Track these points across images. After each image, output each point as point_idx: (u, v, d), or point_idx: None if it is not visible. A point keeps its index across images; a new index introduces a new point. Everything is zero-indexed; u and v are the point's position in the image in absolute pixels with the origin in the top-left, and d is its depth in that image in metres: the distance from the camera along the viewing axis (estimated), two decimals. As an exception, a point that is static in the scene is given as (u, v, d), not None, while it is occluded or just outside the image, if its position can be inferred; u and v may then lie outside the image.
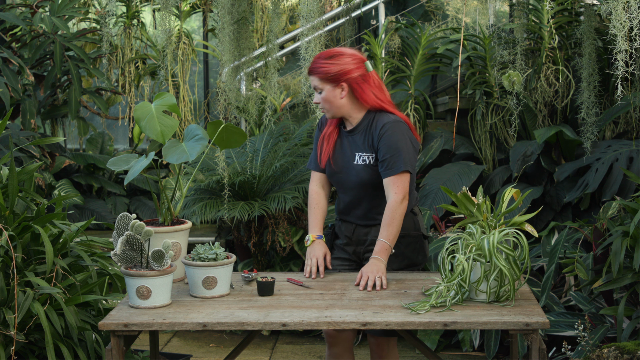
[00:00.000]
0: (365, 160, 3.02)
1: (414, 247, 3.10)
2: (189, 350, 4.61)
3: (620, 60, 3.81)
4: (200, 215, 4.90)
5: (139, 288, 2.60)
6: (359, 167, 3.03)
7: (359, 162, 3.03)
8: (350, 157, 3.06)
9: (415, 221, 3.11)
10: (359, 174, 3.03)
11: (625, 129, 5.13)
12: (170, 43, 5.14)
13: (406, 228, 3.07)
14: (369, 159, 3.01)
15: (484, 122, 5.36)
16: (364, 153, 3.03)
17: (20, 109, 5.47)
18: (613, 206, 4.10)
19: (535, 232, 2.72)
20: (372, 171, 3.01)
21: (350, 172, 3.05)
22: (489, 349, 4.25)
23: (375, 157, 3.01)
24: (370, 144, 3.01)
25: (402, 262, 3.09)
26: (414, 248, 3.10)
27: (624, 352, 3.18)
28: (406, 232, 3.07)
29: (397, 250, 3.06)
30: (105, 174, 6.38)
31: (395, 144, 2.96)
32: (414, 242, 3.10)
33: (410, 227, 3.08)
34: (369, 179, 3.01)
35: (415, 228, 3.10)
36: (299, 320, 2.49)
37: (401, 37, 5.61)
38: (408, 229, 3.08)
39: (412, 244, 3.09)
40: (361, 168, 3.02)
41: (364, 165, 3.02)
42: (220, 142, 2.99)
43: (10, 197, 3.14)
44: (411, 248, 3.09)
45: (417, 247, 3.11)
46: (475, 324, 2.47)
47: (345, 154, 3.08)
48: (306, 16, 4.52)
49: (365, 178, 3.02)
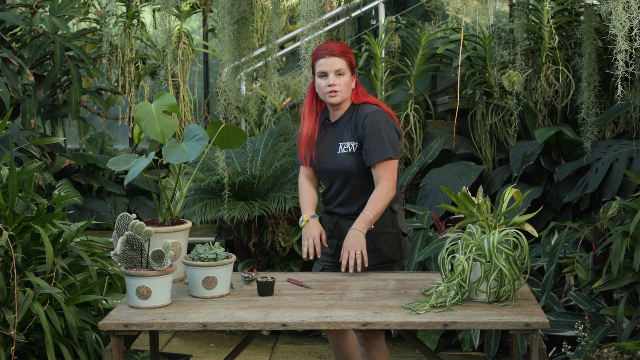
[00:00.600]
0: (347, 149, 3.13)
1: (390, 244, 3.15)
2: (189, 350, 4.61)
3: (620, 60, 3.81)
4: (200, 215, 4.90)
5: (139, 288, 2.60)
6: (342, 155, 3.13)
7: (342, 150, 3.14)
8: (334, 146, 3.17)
9: (394, 219, 3.17)
10: (342, 162, 3.13)
11: (625, 129, 5.13)
12: (170, 43, 5.14)
13: (383, 225, 3.14)
14: (351, 147, 3.12)
15: (484, 122, 5.36)
16: (347, 142, 3.13)
17: (20, 109, 5.47)
18: (613, 206, 4.10)
19: (535, 232, 2.72)
20: (354, 158, 3.12)
21: (334, 160, 3.15)
22: (489, 349, 4.25)
23: (358, 145, 3.11)
24: (353, 132, 3.13)
25: (378, 259, 3.14)
26: (390, 245, 3.15)
27: (624, 352, 3.18)
28: (383, 229, 3.14)
29: (373, 246, 3.12)
30: (105, 174, 6.38)
31: (379, 131, 3.08)
32: (390, 240, 3.15)
33: (387, 224, 3.15)
34: (350, 166, 3.11)
35: (394, 225, 3.17)
36: (299, 320, 2.49)
37: (401, 37, 5.61)
38: (385, 226, 3.15)
39: (388, 240, 3.15)
40: (344, 156, 3.13)
41: (346, 153, 3.13)
42: (220, 142, 2.99)
43: (10, 197, 3.14)
44: (388, 245, 3.15)
45: (394, 244, 3.16)
46: (475, 324, 2.47)
47: (329, 144, 3.19)
48: (306, 16, 4.52)
49: (347, 166, 3.12)
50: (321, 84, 3.13)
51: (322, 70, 3.11)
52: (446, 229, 4.68)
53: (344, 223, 3.18)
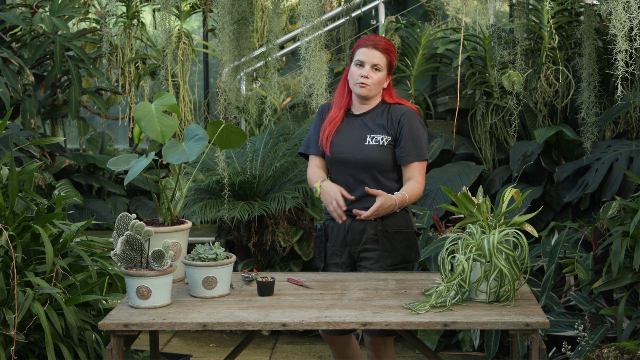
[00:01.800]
0: (378, 141, 3.11)
1: (407, 243, 3.14)
2: (189, 350, 4.61)
3: (620, 60, 3.81)
4: (200, 215, 4.90)
5: (139, 288, 2.60)
6: (371, 147, 3.10)
7: (371, 142, 3.11)
8: (360, 138, 3.13)
9: (408, 218, 3.16)
10: (371, 154, 3.09)
11: (625, 129, 5.13)
12: (170, 43, 5.14)
13: (399, 225, 3.13)
14: (383, 140, 3.11)
15: (484, 122, 5.36)
16: (378, 134, 3.11)
17: (20, 109, 5.47)
18: (613, 206, 4.10)
19: (535, 232, 2.72)
20: (384, 151, 3.10)
21: (359, 152, 3.11)
22: (489, 349, 4.25)
23: (391, 139, 3.11)
24: (387, 127, 3.11)
25: (395, 259, 3.12)
26: (407, 245, 3.14)
27: (624, 352, 3.18)
28: (399, 228, 3.13)
29: (391, 246, 3.10)
30: (105, 174, 6.38)
31: (417, 131, 3.10)
32: (407, 239, 3.14)
33: (403, 223, 3.14)
34: (378, 158, 3.09)
35: (408, 225, 3.15)
36: (299, 320, 2.49)
37: (401, 37, 5.61)
38: (401, 226, 3.14)
39: (405, 240, 3.14)
40: (374, 148, 3.10)
41: (377, 145, 3.10)
42: (220, 142, 2.99)
43: (10, 197, 3.14)
44: (404, 245, 3.13)
45: (409, 243, 3.15)
46: (475, 324, 2.47)
47: (353, 135, 3.15)
48: (306, 16, 4.52)
49: (375, 157, 3.09)
50: (355, 71, 3.12)
51: (361, 59, 3.10)
52: (446, 229, 4.68)
53: (356, 226, 3.12)
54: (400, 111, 3.13)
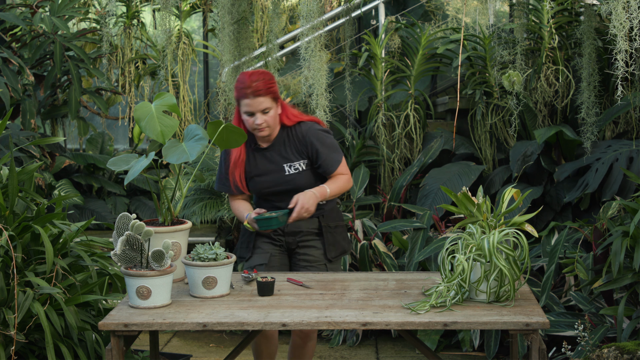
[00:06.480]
0: (297, 168, 3.23)
1: (343, 235, 3.40)
2: (189, 350, 4.61)
3: (620, 60, 3.81)
4: (200, 215, 4.90)
5: (139, 288, 2.60)
6: (293, 175, 3.22)
7: (290, 171, 3.23)
8: (279, 169, 3.24)
9: (338, 211, 3.40)
10: (294, 181, 3.22)
11: (625, 129, 5.13)
12: (170, 43, 5.15)
13: (336, 219, 3.36)
14: (301, 165, 3.24)
15: (484, 122, 5.36)
16: (294, 161, 3.23)
17: (20, 109, 5.47)
18: (613, 206, 4.10)
19: (535, 232, 2.72)
20: (306, 175, 3.24)
21: (283, 183, 3.24)
22: (489, 349, 4.25)
23: (307, 161, 3.23)
24: (299, 151, 3.22)
25: (337, 251, 3.34)
26: (344, 237, 3.40)
27: (624, 352, 3.18)
28: (336, 222, 3.36)
29: (333, 239, 3.32)
30: (105, 174, 6.38)
31: (326, 140, 3.24)
32: (343, 232, 3.40)
33: (338, 217, 3.38)
34: (302, 183, 3.23)
35: (341, 218, 3.42)
36: (299, 320, 2.49)
37: (401, 37, 5.61)
38: (337, 220, 3.37)
39: (342, 232, 3.39)
40: (295, 176, 3.22)
41: (297, 173, 3.23)
42: (220, 142, 2.99)
43: (10, 197, 3.14)
44: (342, 237, 3.39)
45: (345, 235, 3.41)
46: (475, 324, 2.47)
47: (270, 168, 3.24)
48: (306, 16, 4.52)
49: (299, 183, 3.23)
50: (248, 120, 3.17)
51: (248, 110, 3.14)
52: (446, 229, 4.68)
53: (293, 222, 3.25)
54: (304, 131, 3.23)
